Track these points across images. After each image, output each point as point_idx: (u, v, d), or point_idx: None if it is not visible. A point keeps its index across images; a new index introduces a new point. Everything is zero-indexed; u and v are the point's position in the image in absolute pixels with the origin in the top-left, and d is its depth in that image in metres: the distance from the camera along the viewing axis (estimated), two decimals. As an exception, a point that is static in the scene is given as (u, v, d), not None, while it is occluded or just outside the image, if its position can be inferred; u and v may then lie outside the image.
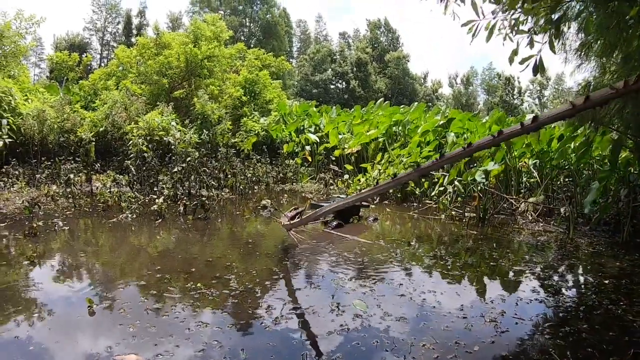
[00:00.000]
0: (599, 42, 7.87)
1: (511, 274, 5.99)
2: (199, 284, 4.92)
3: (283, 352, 3.52)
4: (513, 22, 4.92)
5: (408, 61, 69.60)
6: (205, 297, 4.59)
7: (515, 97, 69.87)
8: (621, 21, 5.28)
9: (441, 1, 7.41)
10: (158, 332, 3.79)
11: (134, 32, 59.33)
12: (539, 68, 4.71)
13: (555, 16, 4.87)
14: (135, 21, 61.77)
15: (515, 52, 5.46)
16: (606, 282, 5.79)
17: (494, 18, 4.82)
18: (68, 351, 3.51)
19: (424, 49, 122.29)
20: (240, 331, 3.89)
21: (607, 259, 7.00)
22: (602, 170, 9.24)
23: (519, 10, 4.65)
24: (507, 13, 4.87)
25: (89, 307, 4.26)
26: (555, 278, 5.85)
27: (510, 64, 5.39)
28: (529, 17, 4.87)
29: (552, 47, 4.70)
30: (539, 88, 71.89)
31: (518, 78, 69.61)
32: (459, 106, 59.05)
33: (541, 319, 4.30)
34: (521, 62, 5.08)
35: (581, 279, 6.12)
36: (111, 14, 67.25)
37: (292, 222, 7.28)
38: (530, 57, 4.86)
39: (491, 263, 6.47)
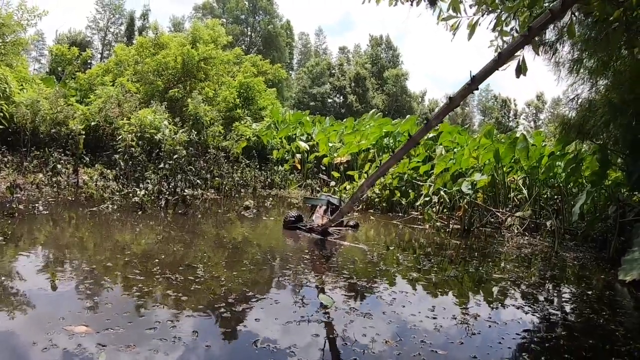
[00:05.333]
0: (591, 59, 7.90)
1: (489, 280, 5.85)
2: (165, 270, 4.79)
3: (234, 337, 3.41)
4: (495, 21, 4.85)
5: (407, 79, 70.02)
6: (169, 282, 4.45)
7: (510, 119, 70.26)
8: (608, 30, 5.25)
9: (431, 7, 7.37)
10: (114, 308, 3.66)
11: (136, 34, 59.27)
12: (522, 69, 4.61)
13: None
14: (137, 23, 61.86)
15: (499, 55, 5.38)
16: (589, 292, 5.69)
17: (474, 15, 4.74)
18: (22, 318, 3.41)
19: (424, 66, 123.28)
20: (195, 315, 3.72)
21: (592, 272, 6.93)
22: (592, 174, 9.17)
23: (501, 8, 4.59)
24: (489, 13, 4.80)
25: (51, 281, 4.16)
26: (537, 286, 5.70)
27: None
28: (512, 18, 4.81)
29: (535, 48, 4.62)
30: (534, 111, 72.32)
31: (514, 100, 70.21)
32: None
33: (517, 324, 4.16)
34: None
35: (564, 288, 5.97)
36: (114, 15, 67.47)
37: (328, 220, 7.64)
38: (513, 58, 4.77)
39: (470, 270, 6.36)
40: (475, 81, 4.70)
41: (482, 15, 4.82)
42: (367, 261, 6.30)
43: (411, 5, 7.31)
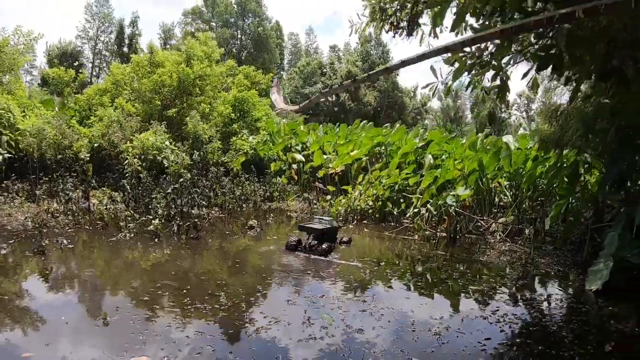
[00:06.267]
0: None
1: (464, 292, 6.88)
2: (195, 300, 5.79)
3: (261, 355, 4.41)
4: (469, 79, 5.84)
5: (397, 75, 70.67)
6: (199, 311, 5.44)
7: (503, 110, 71.11)
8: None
9: (408, 38, 8.09)
10: (163, 338, 4.64)
11: (126, 41, 59.79)
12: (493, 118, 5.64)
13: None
14: (127, 31, 62.18)
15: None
16: (551, 301, 6.66)
17: (448, 82, 5.71)
18: (93, 351, 4.36)
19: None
20: (228, 339, 4.76)
21: (562, 278, 7.86)
22: (562, 188, 9.76)
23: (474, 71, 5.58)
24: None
25: (103, 319, 5.12)
26: (505, 297, 6.65)
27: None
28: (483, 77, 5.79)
29: (502, 101, 5.59)
30: (526, 102, 73.22)
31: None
32: (448, 120, 60.19)
33: (480, 334, 5.13)
34: (475, 116, 5.99)
35: (529, 297, 6.94)
36: (104, 23, 67.68)
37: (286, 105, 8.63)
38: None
39: (449, 282, 7.36)
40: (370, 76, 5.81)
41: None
42: (360, 279, 7.32)
43: (394, 36, 8.25)
